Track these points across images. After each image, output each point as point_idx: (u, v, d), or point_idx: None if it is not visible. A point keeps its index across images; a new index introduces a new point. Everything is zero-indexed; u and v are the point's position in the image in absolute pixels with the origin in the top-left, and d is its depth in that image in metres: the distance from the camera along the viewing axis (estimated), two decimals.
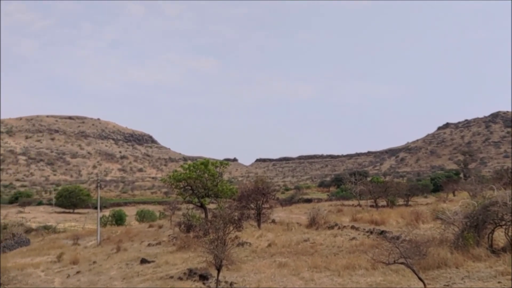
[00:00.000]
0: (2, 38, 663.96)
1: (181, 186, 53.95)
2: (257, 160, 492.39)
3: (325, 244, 34.47)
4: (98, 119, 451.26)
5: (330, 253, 30.57)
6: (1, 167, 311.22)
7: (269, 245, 35.31)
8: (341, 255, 29.56)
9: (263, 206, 49.62)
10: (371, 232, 38.43)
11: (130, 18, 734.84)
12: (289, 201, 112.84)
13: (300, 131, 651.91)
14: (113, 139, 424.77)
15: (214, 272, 24.52)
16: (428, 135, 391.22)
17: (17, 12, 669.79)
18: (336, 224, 44.36)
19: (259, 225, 47.34)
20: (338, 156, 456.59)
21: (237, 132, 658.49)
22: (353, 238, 36.47)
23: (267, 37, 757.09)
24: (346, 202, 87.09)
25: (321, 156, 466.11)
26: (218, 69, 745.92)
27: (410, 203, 73.77)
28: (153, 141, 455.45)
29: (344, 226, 43.19)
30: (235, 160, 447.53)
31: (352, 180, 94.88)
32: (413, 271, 19.08)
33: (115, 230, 70.99)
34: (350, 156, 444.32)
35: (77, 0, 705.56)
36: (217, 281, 23.28)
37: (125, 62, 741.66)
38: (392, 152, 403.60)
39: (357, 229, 41.25)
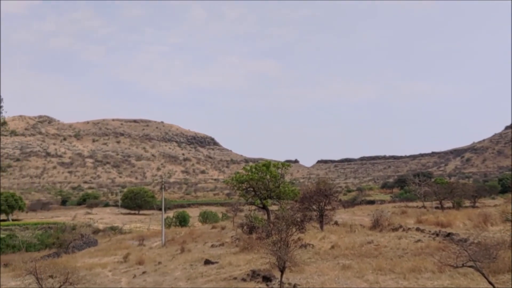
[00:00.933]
0: (71, 45, 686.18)
1: (243, 187, 54.20)
2: (319, 162, 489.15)
3: (389, 246, 33.91)
4: (162, 122, 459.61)
5: (395, 256, 30.05)
6: (69, 169, 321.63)
7: (332, 247, 35.03)
8: (406, 257, 29.02)
9: (325, 208, 49.31)
10: (437, 235, 37.59)
11: (192, 23, 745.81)
12: (352, 203, 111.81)
13: (361, 131, 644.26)
14: (176, 141, 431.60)
15: (277, 274, 24.51)
16: (495, 135, 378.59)
17: (84, 19, 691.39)
18: (401, 226, 43.61)
19: (321, 227, 47.04)
20: (401, 157, 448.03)
21: (298, 133, 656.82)
22: (419, 240, 35.73)
23: (327, 39, 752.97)
24: (410, 204, 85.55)
25: (384, 157, 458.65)
26: (278, 71, 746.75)
27: (477, 204, 71.74)
28: (215, 143, 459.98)
29: (409, 228, 42.40)
30: (296, 161, 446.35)
31: (416, 182, 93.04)
32: (483, 274, 18.52)
33: (179, 231, 72.05)
34: (413, 157, 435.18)
35: (141, 5, 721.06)
36: (281, 283, 23.25)
37: (188, 65, 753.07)
38: (457, 152, 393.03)
39: (422, 231, 40.41)
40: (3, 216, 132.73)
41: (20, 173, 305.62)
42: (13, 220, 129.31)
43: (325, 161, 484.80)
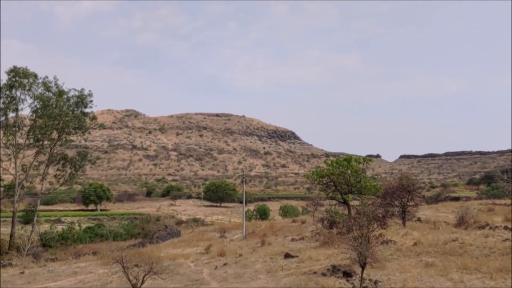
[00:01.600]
0: (157, 41, 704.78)
1: (324, 182, 53.95)
2: (401, 157, 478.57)
3: (475, 245, 32.75)
4: (243, 116, 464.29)
5: (481, 254, 29.00)
6: (154, 162, 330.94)
7: (415, 244, 34.22)
8: (493, 256, 27.94)
9: (408, 203, 48.26)
10: None
11: (274, 18, 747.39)
12: (435, 199, 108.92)
13: (446, 126, 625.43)
14: (257, 135, 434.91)
15: (358, 270, 24.24)
16: None
17: (169, 16, 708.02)
18: (487, 224, 42.02)
19: (404, 223, 46.10)
20: (488, 153, 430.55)
21: (380, 128, 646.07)
22: (507, 239, 34.30)
23: (411, 32, 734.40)
24: (497, 201, 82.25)
25: (470, 153, 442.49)
26: (360, 65, 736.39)
27: None
28: (295, 137, 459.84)
29: (496, 227, 40.78)
30: (378, 156, 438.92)
31: (505, 178, 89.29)
32: None
33: (259, 224, 72.62)
34: (501, 153, 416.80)
35: (224, 1, 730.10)
36: (361, 279, 22.99)
37: (270, 60, 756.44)
38: None
39: (510, 230, 38.79)
40: (92, 206, 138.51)
41: (108, 165, 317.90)
42: (101, 210, 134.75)
43: (408, 156, 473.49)
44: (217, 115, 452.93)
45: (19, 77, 67.02)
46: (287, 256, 33.50)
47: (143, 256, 30.51)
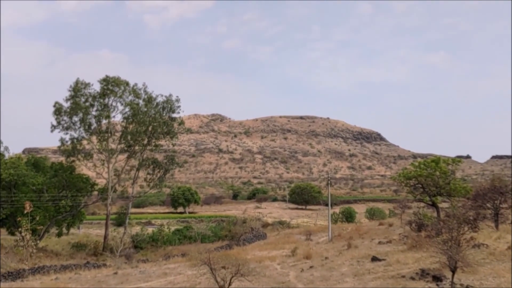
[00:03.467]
0: (241, 46, 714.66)
1: (411, 184, 52.82)
2: (493, 157, 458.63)
3: None
4: (328, 118, 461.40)
5: None
6: (240, 165, 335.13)
7: (509, 247, 32.84)
8: None
9: (500, 206, 46.35)
10: None
11: (358, 18, 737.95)
12: None
13: None
14: (342, 137, 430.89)
15: (448, 274, 23.57)
16: None
17: (254, 20, 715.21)
18: None
19: (496, 226, 44.30)
20: None
21: (470, 127, 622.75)
22: None
23: (502, 28, 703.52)
24: None
25: None
26: (448, 63, 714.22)
27: None
28: (381, 138, 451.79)
29: None
30: (468, 157, 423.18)
31: None
32: None
33: (345, 227, 72.02)
34: None
35: (308, 4, 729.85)
36: (452, 283, 22.36)
37: (354, 61, 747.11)
38: None
39: None
40: (180, 209, 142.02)
41: (195, 168, 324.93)
42: (189, 212, 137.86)
43: (500, 157, 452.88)
44: (301, 117, 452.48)
45: (111, 85, 69.88)
46: (374, 259, 33.07)
47: (230, 258, 30.93)
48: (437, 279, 24.34)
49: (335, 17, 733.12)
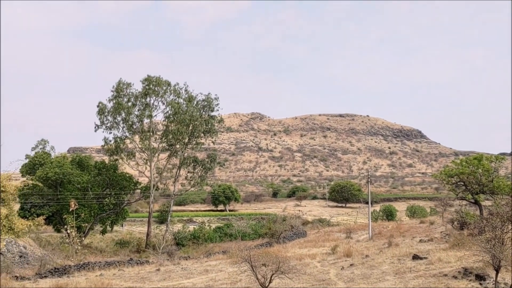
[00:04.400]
0: (278, 45, 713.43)
1: (453, 182, 52.17)
2: None
3: None
4: (367, 116, 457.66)
5: None
6: (279, 163, 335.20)
7: None
8: None
9: None
10: None
11: (395, 15, 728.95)
12: None
13: None
14: (382, 135, 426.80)
15: (491, 273, 23.37)
16: None
17: (289, 20, 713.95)
18: None
19: None
20: None
21: None
22: None
23: None
24: None
25: None
26: (489, 59, 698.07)
27: None
28: (422, 136, 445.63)
29: None
30: None
31: None
32: None
33: (385, 225, 71.52)
34: None
35: (343, 2, 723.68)
36: (496, 283, 22.16)
37: (393, 58, 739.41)
38: None
39: None
40: (221, 207, 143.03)
41: (235, 166, 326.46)
42: (229, 210, 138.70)
43: None
44: (340, 115, 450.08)
45: (153, 85, 70.92)
46: (416, 257, 32.89)
47: (271, 255, 31.19)
48: (480, 278, 24.13)
49: (372, 15, 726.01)
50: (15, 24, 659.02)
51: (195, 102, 73.05)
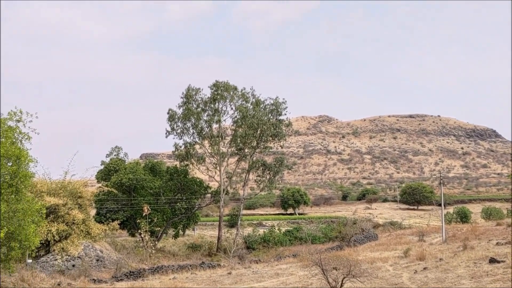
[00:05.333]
0: (345, 46, 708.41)
1: None
2: None
3: None
4: (438, 116, 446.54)
5: None
6: (348, 166, 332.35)
7: None
8: None
9: None
10: None
11: (463, 13, 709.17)
12: None
13: None
14: (454, 135, 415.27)
15: None
16: None
17: (356, 20, 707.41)
18: None
19: None
20: None
21: None
22: None
23: None
24: None
25: None
26: None
27: None
28: (497, 135, 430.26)
29: None
30: None
31: None
32: None
33: (460, 228, 69.72)
34: None
35: (410, 2, 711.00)
36: None
37: (463, 57, 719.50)
38: None
39: None
40: (290, 210, 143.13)
41: (304, 170, 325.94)
42: (299, 214, 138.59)
43: None
44: (410, 116, 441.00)
45: (221, 90, 71.98)
46: (493, 261, 31.94)
47: (341, 259, 31.09)
48: None
49: (439, 13, 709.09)
50: (87, 36, 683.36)
51: (262, 106, 73.56)
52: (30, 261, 43.72)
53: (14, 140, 28.02)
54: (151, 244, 57.64)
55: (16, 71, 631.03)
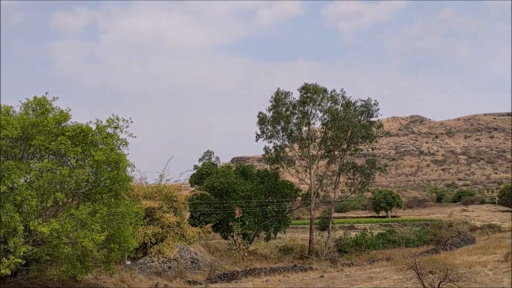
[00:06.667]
0: (439, 44, 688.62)
1: None
2: None
3: None
4: None
5: None
6: (443, 167, 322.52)
7: None
8: None
9: None
10: None
11: None
12: None
13: None
14: None
15: None
16: None
17: (450, 17, 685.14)
18: None
19: None
20: None
21: None
22: None
23: None
24: None
25: None
26: None
27: None
28: None
29: None
30: None
31: None
32: None
33: None
34: None
35: None
36: None
37: None
38: None
39: None
40: (382, 213, 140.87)
41: (396, 171, 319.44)
42: (391, 216, 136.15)
43: None
44: (508, 114, 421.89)
45: (310, 93, 71.95)
46: None
47: (437, 262, 30.33)
48: None
49: None
50: (182, 44, 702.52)
51: (353, 108, 72.82)
52: (129, 262, 45.58)
53: (112, 146, 29.38)
54: (244, 247, 58.51)
55: (117, 80, 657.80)
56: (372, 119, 73.97)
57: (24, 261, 25.66)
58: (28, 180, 26.74)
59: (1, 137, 26.14)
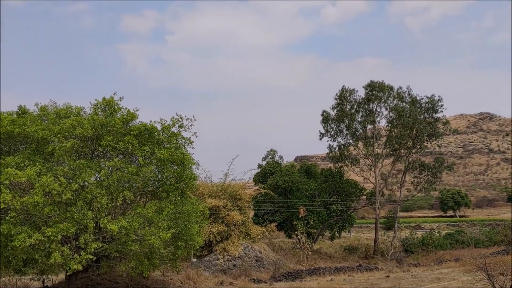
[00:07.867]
0: (509, 38, 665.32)
1: None
2: None
3: None
4: None
5: None
6: None
7: None
8: None
9: None
10: None
11: None
12: None
13: None
14: None
15: None
16: None
17: None
18: None
19: None
20: None
21: None
22: None
23: None
24: None
25: None
26: None
27: None
28: None
29: None
30: None
31: None
32: None
33: None
34: None
35: None
36: None
37: None
38: None
39: None
40: (450, 212, 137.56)
41: (464, 170, 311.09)
42: (460, 216, 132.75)
43: None
44: None
45: (376, 91, 71.01)
46: None
47: (509, 264, 29.42)
48: None
49: None
50: (247, 44, 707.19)
51: (418, 105, 71.37)
52: (194, 260, 46.38)
53: (178, 145, 29.92)
54: (308, 246, 58.44)
55: (182, 81, 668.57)
56: (437, 115, 72.25)
57: (95, 258, 26.50)
58: (98, 179, 27.62)
59: (73, 137, 27.06)
